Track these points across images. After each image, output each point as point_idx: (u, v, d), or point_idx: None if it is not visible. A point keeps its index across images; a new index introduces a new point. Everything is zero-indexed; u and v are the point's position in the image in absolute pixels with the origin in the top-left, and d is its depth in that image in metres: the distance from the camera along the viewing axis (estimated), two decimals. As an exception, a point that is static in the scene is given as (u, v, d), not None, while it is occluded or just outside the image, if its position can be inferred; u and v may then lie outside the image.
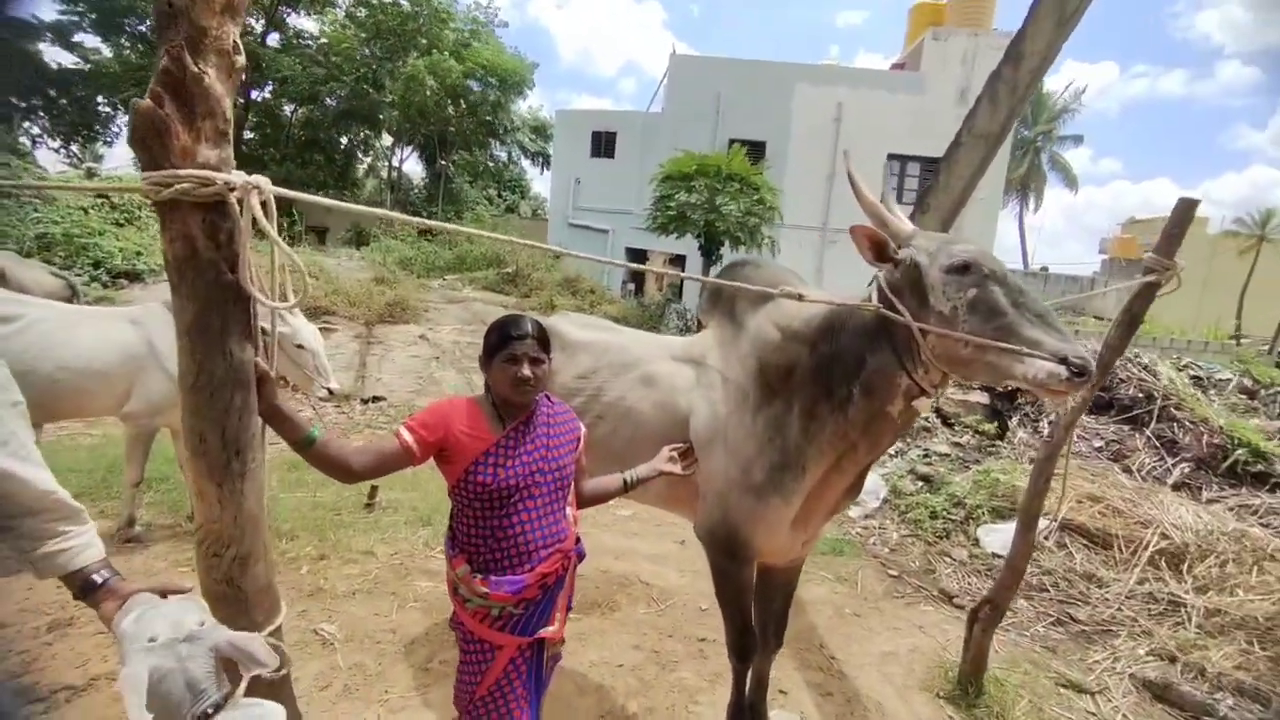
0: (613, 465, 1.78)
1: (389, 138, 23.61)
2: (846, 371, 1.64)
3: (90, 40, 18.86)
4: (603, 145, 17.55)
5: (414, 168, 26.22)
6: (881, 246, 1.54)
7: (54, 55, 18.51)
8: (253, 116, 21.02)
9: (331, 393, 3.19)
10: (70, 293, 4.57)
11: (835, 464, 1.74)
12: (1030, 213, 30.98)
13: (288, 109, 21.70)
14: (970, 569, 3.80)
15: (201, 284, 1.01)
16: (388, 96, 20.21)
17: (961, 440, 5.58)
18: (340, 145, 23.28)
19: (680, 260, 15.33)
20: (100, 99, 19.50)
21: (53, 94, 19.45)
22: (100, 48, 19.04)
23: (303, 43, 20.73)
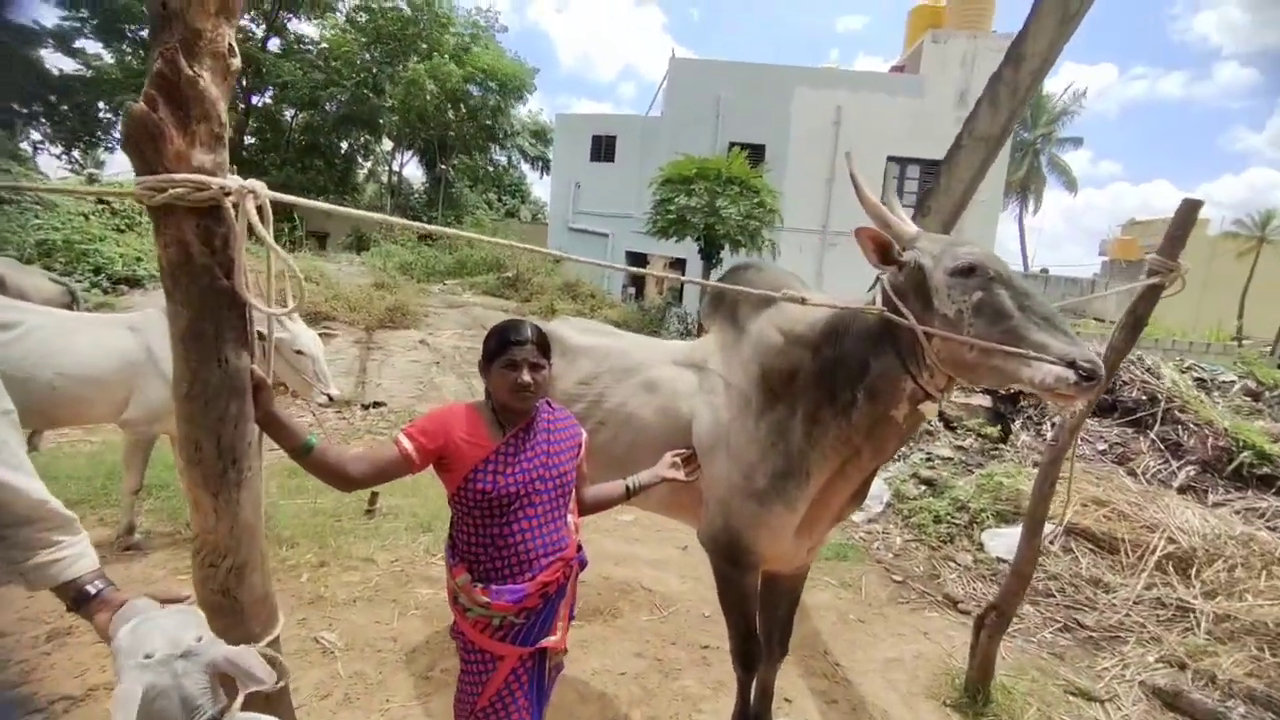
0: (614, 472, 1.76)
1: (389, 142, 23.67)
2: (850, 376, 1.62)
3: (92, 46, 18.97)
4: (602, 149, 17.58)
5: (414, 172, 26.31)
6: (886, 249, 1.53)
7: (56, 61, 18.59)
8: (253, 122, 21.10)
9: (331, 399, 3.17)
10: (70, 299, 4.56)
11: (840, 470, 1.72)
12: (1030, 215, 31.04)
13: (288, 114, 21.78)
14: (975, 574, 3.77)
15: (196, 290, 0.99)
16: (388, 101, 20.27)
17: (964, 444, 5.55)
18: (340, 150, 23.34)
19: (680, 264, 15.33)
20: (102, 105, 19.57)
21: (54, 100, 19.53)
22: (102, 53, 19.15)
23: (303, 48, 20.82)
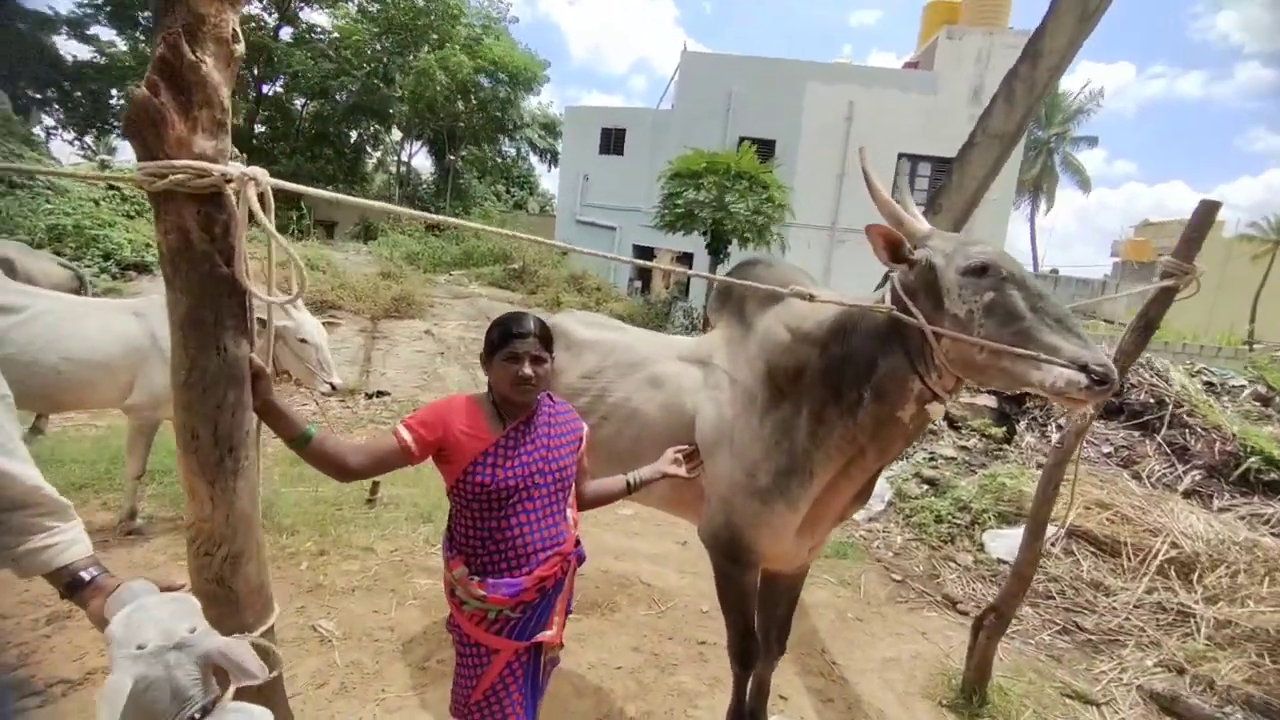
0: (617, 467, 1.75)
1: (398, 133, 23.62)
2: (857, 374, 1.60)
3: (105, 33, 19.02)
4: (612, 142, 17.50)
5: (423, 163, 26.30)
6: (897, 246, 1.50)
7: (70, 48, 18.68)
8: (264, 110, 21.11)
9: (334, 388, 3.18)
10: (78, 284, 4.59)
11: (843, 470, 1.70)
12: (1042, 214, 30.75)
13: (298, 103, 21.75)
14: (975, 575, 3.76)
15: (195, 277, 0.98)
16: (398, 91, 20.21)
17: (968, 444, 5.51)
18: (350, 140, 23.31)
19: (688, 258, 15.28)
20: (114, 91, 19.64)
21: (67, 86, 19.62)
22: (115, 40, 19.21)
23: (314, 36, 20.77)
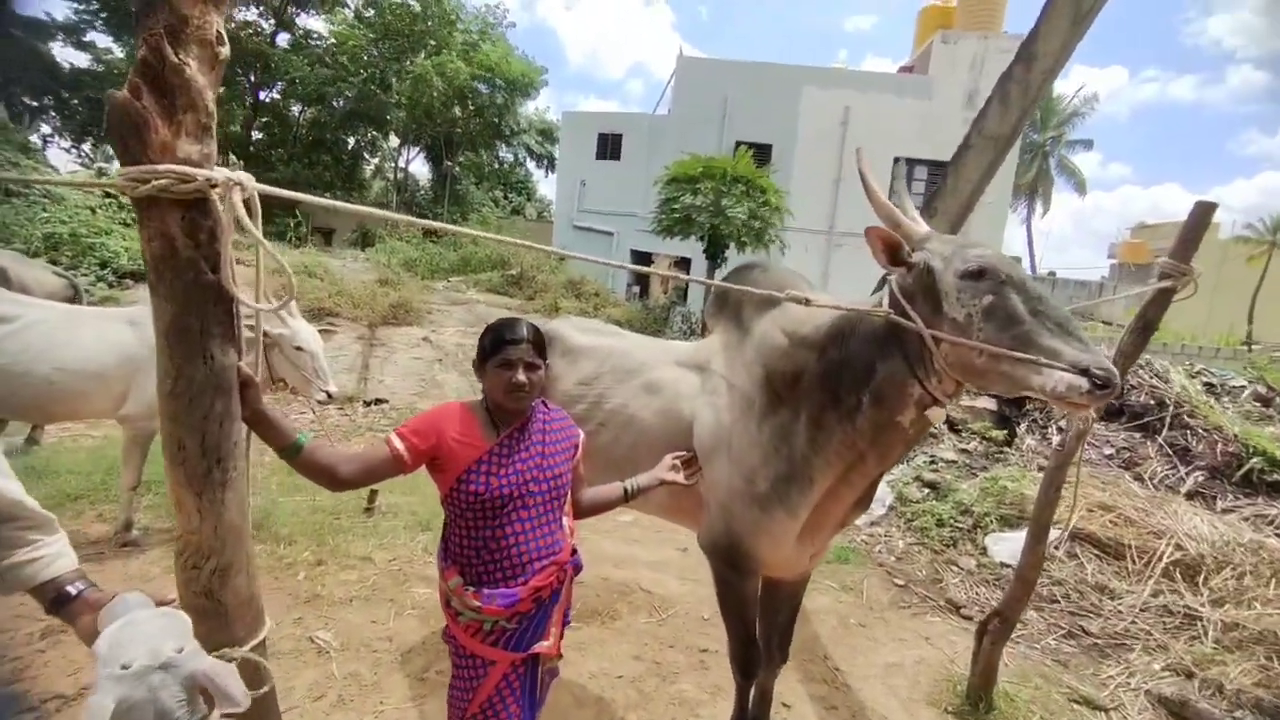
0: (615, 474, 1.72)
1: (396, 139, 23.66)
2: (856, 379, 1.58)
3: (102, 40, 19.02)
4: (609, 147, 17.53)
5: (420, 169, 26.31)
6: (895, 249, 1.48)
7: (67, 55, 18.66)
8: (261, 117, 21.13)
9: (330, 396, 3.15)
10: (73, 292, 4.55)
11: (843, 476, 1.68)
12: (1038, 217, 30.83)
13: (295, 109, 21.78)
14: (978, 578, 3.73)
15: (180, 284, 0.96)
16: (394, 97, 20.26)
17: (969, 446, 5.50)
18: (347, 146, 23.33)
19: (685, 263, 15.28)
20: (111, 99, 19.59)
21: (65, 94, 19.61)
22: (112, 47, 19.18)
23: (311, 43, 20.81)
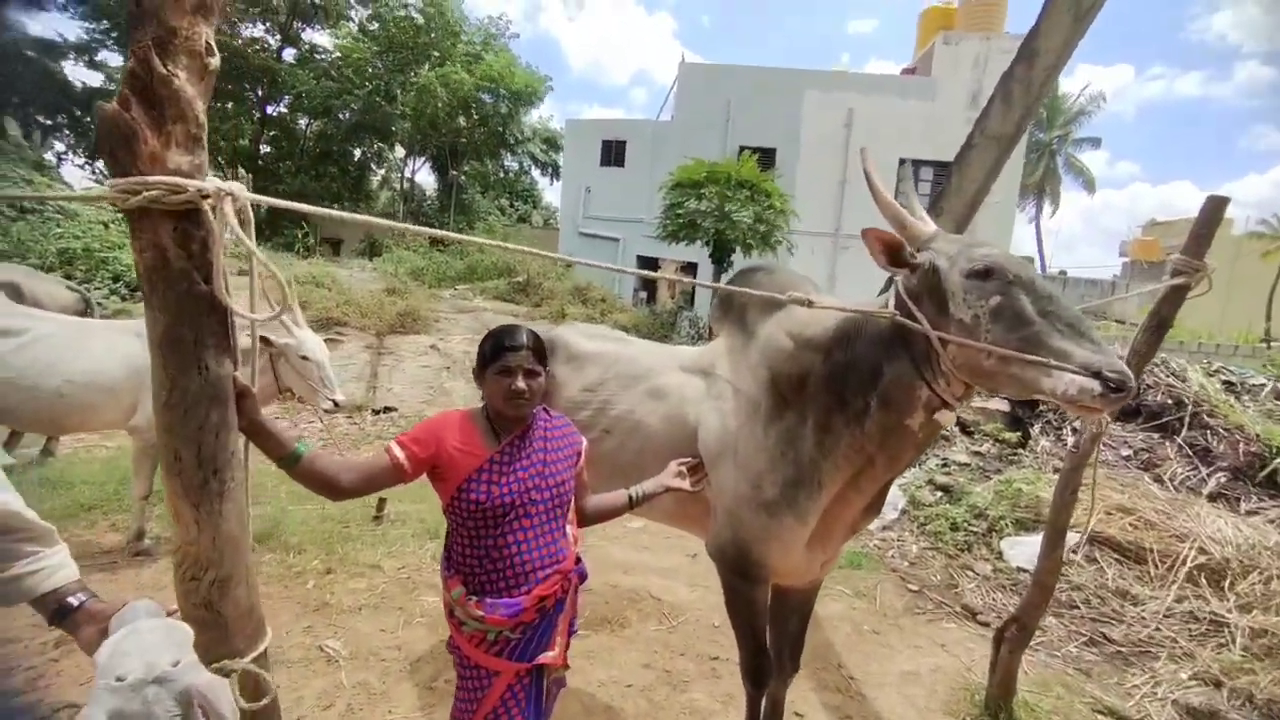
0: (621, 481, 1.70)
1: (401, 150, 23.86)
2: (862, 382, 1.55)
3: (114, 59, 19.36)
4: (613, 154, 17.59)
5: (426, 179, 26.51)
6: (896, 250, 1.45)
7: (79, 75, 19.02)
8: (268, 131, 21.41)
9: (337, 405, 3.15)
10: (84, 306, 4.61)
11: (853, 480, 1.65)
12: (1047, 217, 30.57)
13: (302, 123, 22.05)
14: (994, 584, 3.66)
15: (173, 295, 0.95)
16: (399, 109, 20.44)
17: (981, 449, 5.42)
18: (354, 157, 23.58)
19: (691, 267, 15.26)
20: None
21: (78, 112, 19.96)
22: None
23: (317, 57, 21.08)
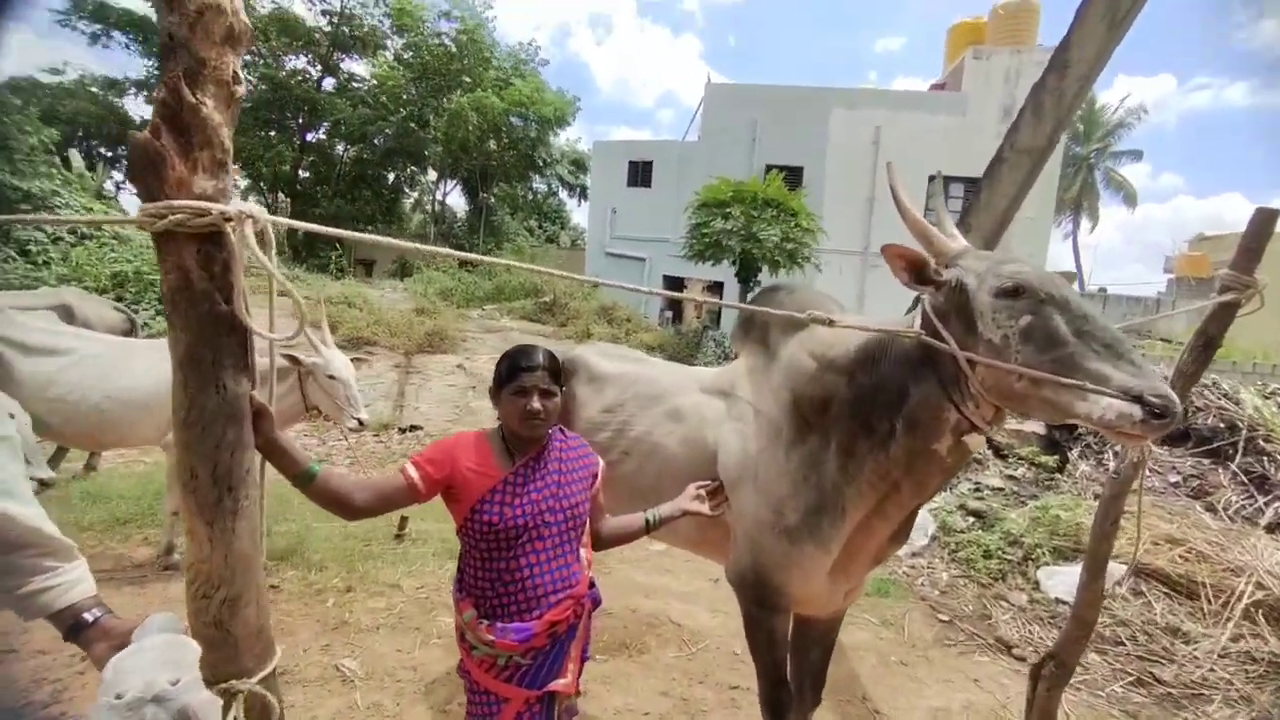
0: (639, 504, 1.67)
1: (433, 173, 24.56)
2: (888, 404, 1.49)
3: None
4: (639, 174, 17.78)
5: (457, 201, 27.21)
6: (920, 267, 1.40)
7: (139, 109, 20.22)
8: (308, 156, 22.29)
9: (361, 424, 3.20)
10: (130, 326, 4.81)
11: (877, 507, 1.58)
12: (1085, 232, 29.71)
13: (339, 148, 22.89)
14: (1031, 615, 3.49)
15: (194, 315, 0.98)
16: (432, 133, 21.10)
17: (1016, 473, 5.21)
18: (388, 181, 24.33)
19: (718, 287, 15.23)
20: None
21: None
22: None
23: (354, 85, 21.95)
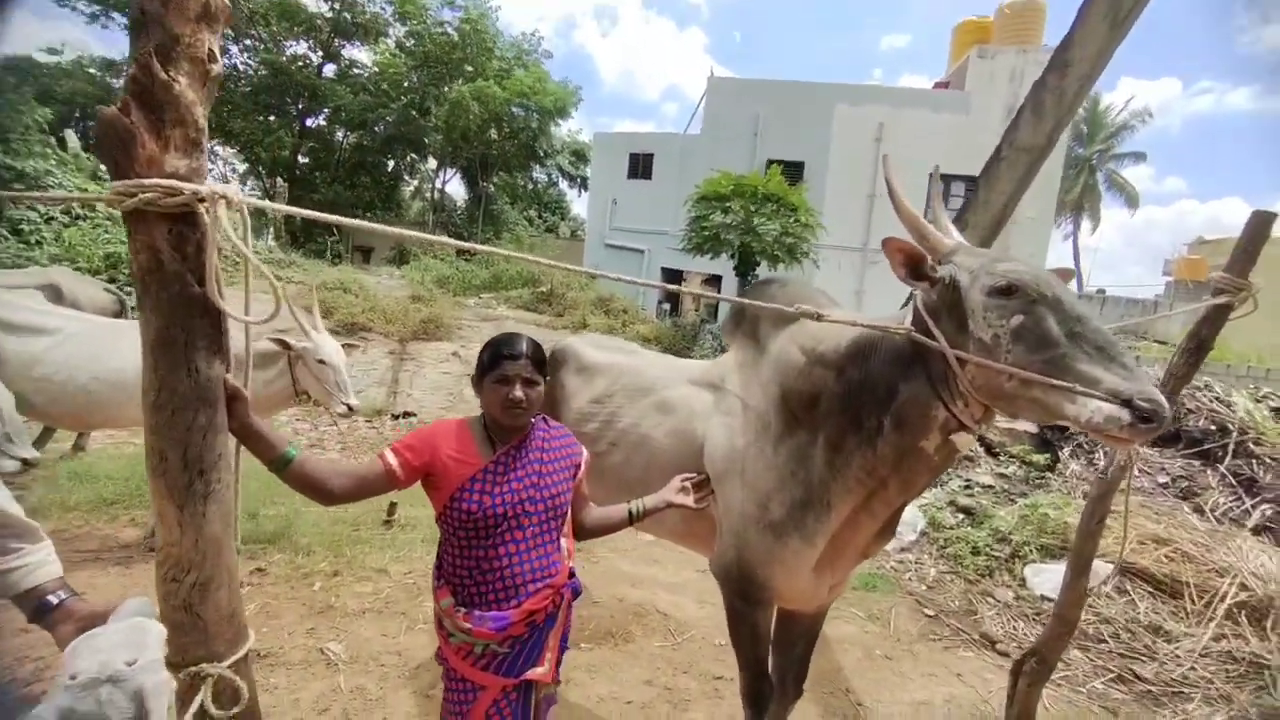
0: (627, 496, 1.67)
1: (433, 161, 24.37)
2: (877, 401, 1.49)
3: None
4: (640, 167, 17.70)
5: (457, 189, 27.04)
6: (917, 263, 1.40)
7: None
8: (307, 142, 22.10)
9: (351, 409, 3.19)
10: (119, 307, 4.77)
11: (864, 504, 1.58)
12: (1086, 234, 29.69)
13: (339, 135, 22.69)
14: (1016, 612, 3.51)
15: (166, 297, 0.96)
16: (433, 121, 20.92)
17: (1007, 471, 5.23)
18: (387, 168, 24.15)
19: (716, 280, 15.20)
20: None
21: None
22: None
23: (355, 72, 21.74)
